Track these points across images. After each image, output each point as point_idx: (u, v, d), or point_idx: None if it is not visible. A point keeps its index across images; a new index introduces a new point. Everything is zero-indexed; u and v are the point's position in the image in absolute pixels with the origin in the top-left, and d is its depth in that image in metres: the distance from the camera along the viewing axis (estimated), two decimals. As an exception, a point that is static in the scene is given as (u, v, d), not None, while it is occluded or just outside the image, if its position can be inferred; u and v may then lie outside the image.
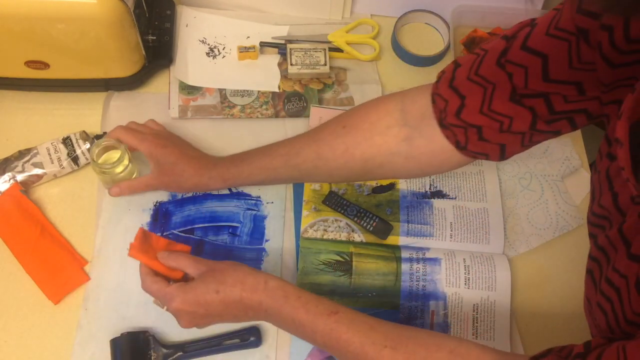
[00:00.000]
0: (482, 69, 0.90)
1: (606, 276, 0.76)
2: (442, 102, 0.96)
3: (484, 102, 0.91)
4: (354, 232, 1.18)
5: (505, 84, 0.88)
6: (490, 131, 0.94)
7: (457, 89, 0.94)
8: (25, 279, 1.11)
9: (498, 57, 0.88)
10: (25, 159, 1.17)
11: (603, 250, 0.79)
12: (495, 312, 1.13)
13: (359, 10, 1.47)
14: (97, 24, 1.12)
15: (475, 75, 0.91)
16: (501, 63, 0.88)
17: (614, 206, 0.77)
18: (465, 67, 0.93)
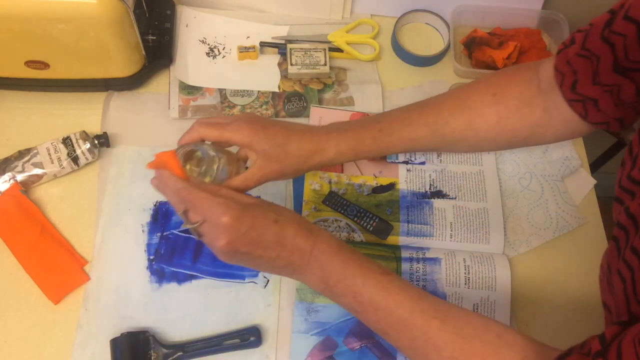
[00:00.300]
0: (588, 42, 0.90)
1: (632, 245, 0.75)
2: (560, 75, 0.96)
3: (594, 75, 0.90)
4: (354, 232, 1.18)
5: (608, 56, 0.87)
6: (605, 103, 0.92)
7: (571, 63, 0.93)
8: (25, 279, 1.11)
9: (602, 30, 0.87)
10: (25, 159, 1.17)
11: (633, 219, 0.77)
12: (495, 312, 1.13)
13: (359, 10, 1.47)
14: (97, 24, 1.12)
15: (583, 50, 0.90)
16: (604, 36, 0.87)
17: None
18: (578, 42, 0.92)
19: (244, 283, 1.14)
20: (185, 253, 1.15)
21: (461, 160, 1.27)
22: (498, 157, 1.28)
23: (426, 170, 1.25)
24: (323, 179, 1.23)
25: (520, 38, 1.40)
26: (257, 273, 1.15)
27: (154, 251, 1.15)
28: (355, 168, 1.24)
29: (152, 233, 1.17)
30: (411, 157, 1.26)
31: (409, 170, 1.25)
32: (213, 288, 1.13)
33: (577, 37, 0.94)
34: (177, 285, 1.13)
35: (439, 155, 1.27)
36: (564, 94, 0.96)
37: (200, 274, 1.14)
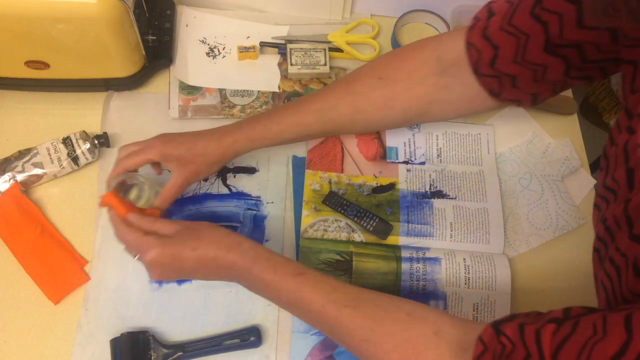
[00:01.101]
0: (516, 18, 0.90)
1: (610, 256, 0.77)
2: (475, 51, 0.97)
3: (517, 52, 0.91)
4: (354, 232, 1.18)
5: (539, 35, 0.88)
6: (524, 80, 0.95)
7: (490, 39, 0.94)
8: (25, 279, 1.11)
9: (532, 6, 0.88)
10: (25, 159, 1.17)
11: (609, 230, 0.79)
12: (496, 312, 1.13)
13: (359, 10, 1.47)
14: (97, 24, 1.12)
15: (509, 25, 0.91)
16: (535, 13, 0.88)
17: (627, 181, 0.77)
18: (498, 16, 0.93)
19: (244, 283, 1.14)
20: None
21: (461, 161, 1.27)
22: (498, 157, 1.28)
23: (426, 170, 1.25)
24: (323, 179, 1.23)
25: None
26: (257, 273, 1.15)
27: (154, 251, 1.15)
28: (355, 168, 1.25)
29: (152, 233, 1.17)
30: (411, 157, 1.26)
31: (409, 171, 1.25)
32: (213, 288, 1.13)
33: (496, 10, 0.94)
34: (177, 286, 1.13)
35: (439, 156, 1.27)
36: (478, 69, 0.98)
37: (200, 274, 1.14)
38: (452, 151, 1.28)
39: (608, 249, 0.78)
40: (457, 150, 1.28)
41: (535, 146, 1.29)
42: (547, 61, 0.91)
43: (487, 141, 1.29)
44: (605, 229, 0.81)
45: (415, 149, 1.27)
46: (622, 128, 0.81)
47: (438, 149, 1.28)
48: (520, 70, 0.94)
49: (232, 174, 1.24)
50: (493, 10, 0.96)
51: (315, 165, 1.24)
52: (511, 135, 1.30)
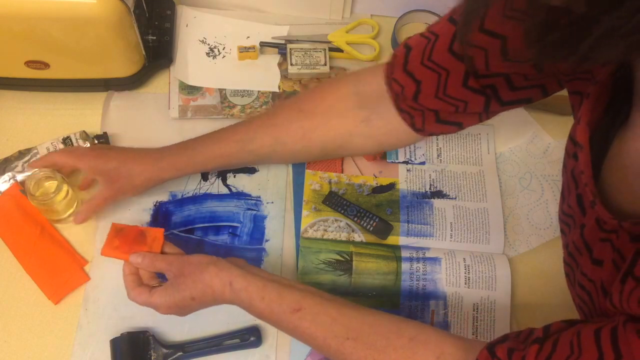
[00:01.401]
0: (435, 55, 0.91)
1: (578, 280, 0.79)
2: (398, 87, 0.98)
3: (438, 88, 0.93)
4: (354, 232, 1.18)
5: (458, 70, 0.89)
6: (446, 114, 0.96)
7: (412, 74, 0.95)
8: (25, 279, 1.12)
9: (450, 43, 0.89)
10: (25, 159, 1.17)
11: (572, 256, 0.82)
12: (496, 312, 1.13)
13: (359, 10, 1.47)
14: (97, 24, 1.12)
15: (429, 61, 0.92)
16: (453, 50, 0.89)
17: (578, 207, 0.79)
18: (417, 51, 0.94)
19: (244, 283, 1.14)
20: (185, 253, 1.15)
21: (461, 161, 1.27)
22: (498, 157, 1.28)
23: (426, 170, 1.25)
24: (323, 179, 1.23)
25: (520, 38, 1.40)
26: (257, 273, 1.15)
27: (154, 251, 1.15)
28: (355, 168, 1.25)
29: (152, 233, 1.17)
30: (411, 157, 1.26)
31: (409, 170, 1.25)
32: (213, 288, 1.13)
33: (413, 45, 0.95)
34: (177, 285, 1.13)
35: (439, 156, 1.27)
36: (399, 104, 0.99)
37: (201, 274, 1.14)
38: (452, 151, 1.28)
39: (575, 274, 0.80)
40: (457, 150, 1.28)
41: (536, 146, 1.28)
42: (467, 96, 0.92)
43: (487, 141, 1.29)
44: (568, 254, 0.84)
45: (415, 149, 1.27)
46: (569, 154, 0.82)
47: (438, 149, 1.28)
48: (442, 105, 0.95)
49: (232, 174, 1.24)
50: (410, 45, 0.97)
51: (315, 165, 1.24)
52: (511, 135, 1.30)
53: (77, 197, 1.17)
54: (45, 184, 1.13)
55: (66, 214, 1.15)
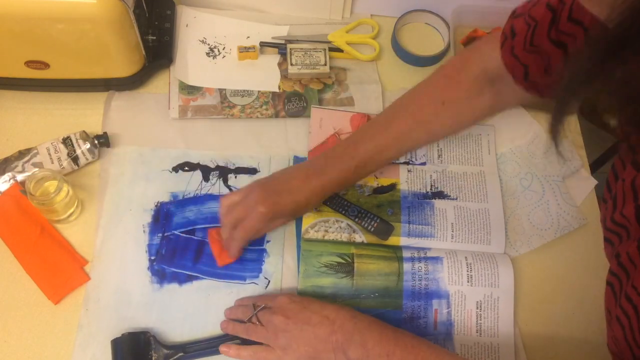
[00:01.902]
0: (536, 40, 0.94)
1: (625, 292, 0.77)
2: (510, 68, 1.01)
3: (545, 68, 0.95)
4: (355, 232, 1.18)
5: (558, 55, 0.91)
6: None
7: (518, 58, 0.98)
8: (25, 279, 1.11)
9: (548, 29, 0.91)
10: (25, 159, 1.17)
11: (623, 267, 0.79)
12: (499, 309, 1.13)
13: (359, 10, 1.47)
14: (97, 24, 1.11)
15: (531, 46, 0.95)
16: (551, 37, 0.91)
17: (636, 219, 0.78)
18: (520, 37, 0.97)
19: (245, 284, 1.14)
20: (186, 254, 1.15)
21: (462, 161, 1.27)
22: (499, 158, 1.28)
23: (427, 170, 1.25)
24: (324, 180, 1.22)
25: (520, 38, 1.40)
26: (258, 274, 1.15)
27: (155, 252, 1.15)
28: (356, 168, 1.25)
29: (153, 233, 1.17)
30: (412, 158, 1.26)
31: (409, 171, 1.25)
32: (214, 289, 1.13)
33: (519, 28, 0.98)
34: (178, 286, 1.13)
35: (439, 156, 1.27)
36: (518, 82, 1.02)
37: (201, 275, 1.14)
38: (453, 152, 1.28)
39: (623, 285, 0.78)
40: (458, 151, 1.28)
41: (537, 146, 1.28)
42: None
43: (487, 142, 1.29)
44: (618, 265, 0.81)
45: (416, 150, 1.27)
46: (625, 162, 0.81)
47: (439, 149, 1.28)
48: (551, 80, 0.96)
49: (234, 175, 1.24)
50: (515, 30, 0.99)
51: (316, 166, 1.24)
52: (512, 135, 1.30)
53: (77, 197, 1.16)
54: (45, 184, 1.13)
55: (66, 214, 1.15)
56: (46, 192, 1.11)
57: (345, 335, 0.97)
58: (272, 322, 1.02)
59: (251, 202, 1.09)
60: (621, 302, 0.77)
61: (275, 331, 1.01)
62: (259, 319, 1.04)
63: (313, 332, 0.99)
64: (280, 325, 1.01)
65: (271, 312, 1.03)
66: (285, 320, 1.01)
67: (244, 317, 1.06)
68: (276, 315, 1.02)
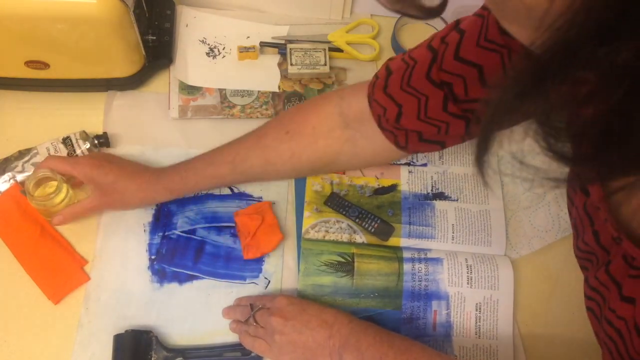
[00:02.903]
0: (413, 80, 0.93)
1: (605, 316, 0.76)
2: (379, 108, 1.00)
3: (419, 111, 0.95)
4: (356, 233, 1.18)
5: (437, 96, 0.91)
6: (429, 134, 0.98)
7: (393, 97, 0.97)
8: (25, 279, 1.11)
9: (427, 70, 0.91)
10: (25, 159, 1.17)
11: (596, 291, 0.79)
12: (499, 312, 1.13)
13: (359, 10, 1.47)
14: (97, 24, 1.11)
15: (408, 87, 0.94)
16: (430, 77, 0.91)
17: (597, 245, 0.78)
18: (397, 76, 0.96)
19: (245, 284, 1.14)
20: (187, 253, 1.15)
21: (463, 162, 1.27)
22: (500, 159, 1.28)
23: (428, 172, 1.25)
24: (325, 180, 1.22)
25: (520, 39, 1.40)
26: (258, 274, 1.15)
27: (156, 251, 1.15)
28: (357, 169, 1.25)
29: (153, 233, 1.17)
30: (413, 159, 1.26)
31: (410, 172, 1.25)
32: (214, 288, 1.13)
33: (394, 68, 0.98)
34: (178, 286, 1.13)
35: (440, 157, 1.27)
36: (382, 124, 1.01)
37: (202, 275, 1.14)
38: (454, 153, 1.28)
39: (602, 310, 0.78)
40: (459, 152, 1.28)
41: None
42: (448, 119, 0.94)
43: (488, 142, 1.29)
44: (591, 289, 0.81)
45: (417, 150, 1.28)
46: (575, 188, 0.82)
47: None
48: (424, 126, 0.97)
49: (234, 175, 1.24)
50: (391, 68, 0.99)
51: (317, 166, 1.24)
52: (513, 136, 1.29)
53: (77, 198, 1.16)
54: (45, 185, 1.12)
55: None
56: (46, 193, 1.10)
57: (341, 340, 0.97)
58: (270, 323, 1.02)
59: None
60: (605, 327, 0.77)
61: (272, 332, 1.01)
62: (257, 319, 1.05)
63: (311, 335, 0.99)
64: (278, 327, 1.01)
65: (269, 312, 1.03)
66: (284, 322, 1.01)
67: (242, 318, 1.07)
68: (274, 316, 1.02)
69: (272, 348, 1.02)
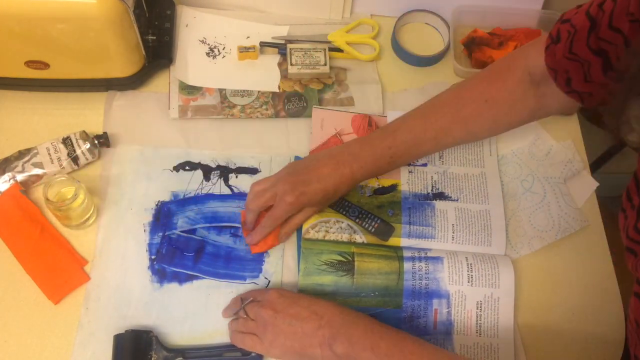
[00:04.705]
0: (574, 47, 0.95)
1: None
2: (552, 72, 1.02)
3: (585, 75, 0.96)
4: (356, 233, 1.18)
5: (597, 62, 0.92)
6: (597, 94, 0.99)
7: (560, 64, 0.99)
8: (25, 279, 1.11)
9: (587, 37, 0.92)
10: (25, 159, 1.16)
11: None
12: (499, 310, 1.13)
13: (359, 10, 1.47)
14: (97, 24, 1.11)
15: (570, 54, 0.96)
16: (590, 45, 0.92)
17: None
18: (562, 44, 0.98)
19: (245, 284, 1.14)
20: (187, 253, 1.15)
21: (463, 162, 1.27)
22: (500, 160, 1.28)
23: (428, 172, 1.25)
24: (325, 180, 1.22)
25: (520, 38, 1.40)
26: (258, 274, 1.15)
27: (156, 251, 1.15)
28: (356, 169, 1.25)
29: (153, 233, 1.17)
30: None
31: (410, 172, 1.25)
32: (214, 288, 1.13)
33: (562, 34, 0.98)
34: (178, 286, 1.13)
35: (440, 157, 1.27)
36: (560, 86, 1.02)
37: (202, 275, 1.14)
38: (454, 153, 1.28)
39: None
40: (459, 152, 1.28)
41: (538, 148, 1.28)
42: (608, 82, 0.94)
43: (489, 143, 1.29)
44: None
45: (417, 150, 1.27)
46: None
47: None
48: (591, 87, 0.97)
49: (234, 175, 1.24)
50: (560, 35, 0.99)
51: (317, 167, 1.24)
52: (513, 137, 1.30)
53: (93, 203, 1.16)
54: (62, 190, 1.13)
55: (81, 220, 1.15)
56: (63, 198, 1.10)
57: (331, 330, 0.97)
58: (261, 316, 1.02)
59: (279, 192, 1.10)
60: None
61: (264, 324, 1.02)
62: (247, 312, 1.05)
63: (301, 327, 0.99)
64: (269, 319, 1.01)
65: (260, 305, 1.04)
66: (274, 314, 1.01)
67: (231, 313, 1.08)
68: (265, 308, 1.02)
69: (263, 341, 1.02)
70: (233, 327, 1.07)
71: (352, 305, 1.09)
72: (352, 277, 1.12)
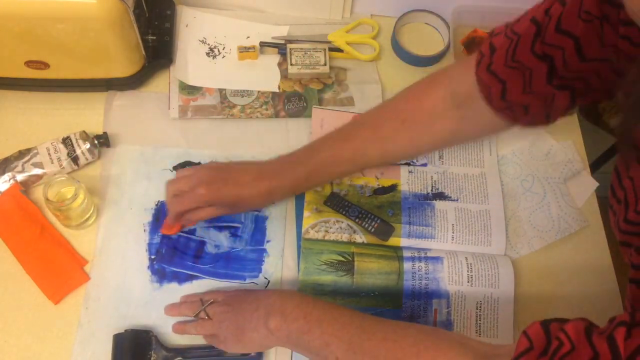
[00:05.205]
0: (517, 55, 0.93)
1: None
2: (485, 86, 0.99)
3: (525, 85, 0.95)
4: (356, 233, 1.18)
5: (541, 68, 0.91)
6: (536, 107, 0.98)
7: (496, 74, 0.97)
8: (25, 279, 1.11)
9: (531, 44, 0.91)
10: (25, 159, 1.16)
11: None
12: (499, 309, 1.13)
13: (359, 10, 1.47)
14: (97, 24, 1.11)
15: (512, 62, 0.94)
16: (534, 50, 0.91)
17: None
18: (501, 52, 0.96)
19: (245, 284, 1.14)
20: (186, 253, 1.15)
21: (463, 162, 1.27)
22: (500, 160, 1.28)
23: (428, 172, 1.25)
24: (325, 180, 1.23)
25: (520, 38, 1.40)
26: (258, 274, 1.16)
27: (155, 251, 1.15)
28: (356, 169, 1.25)
29: (153, 233, 1.17)
30: (413, 159, 1.26)
31: (410, 172, 1.25)
32: (214, 288, 1.13)
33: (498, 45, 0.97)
34: (178, 285, 1.13)
35: (440, 157, 1.27)
36: (492, 102, 1.00)
37: (201, 274, 1.14)
38: (454, 153, 1.28)
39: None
40: (459, 152, 1.28)
41: (538, 148, 1.28)
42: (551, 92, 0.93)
43: (489, 143, 1.29)
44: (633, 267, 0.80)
45: (417, 151, 1.27)
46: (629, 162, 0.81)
47: (440, 150, 1.28)
48: (531, 99, 0.96)
49: (234, 175, 1.24)
50: (494, 45, 0.98)
51: (317, 167, 1.24)
52: (513, 137, 1.30)
53: (93, 203, 1.16)
54: (62, 190, 1.13)
55: (81, 220, 1.15)
56: (63, 198, 1.10)
57: (266, 309, 0.97)
58: (218, 313, 1.04)
59: (196, 181, 1.09)
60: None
61: (220, 321, 1.03)
62: (207, 313, 1.05)
63: (242, 314, 1.00)
64: (224, 315, 1.02)
65: (218, 304, 1.05)
66: (227, 308, 1.03)
67: (191, 314, 1.06)
68: (221, 306, 1.04)
69: (220, 337, 1.02)
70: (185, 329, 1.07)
71: (352, 305, 1.09)
72: (352, 277, 1.13)
